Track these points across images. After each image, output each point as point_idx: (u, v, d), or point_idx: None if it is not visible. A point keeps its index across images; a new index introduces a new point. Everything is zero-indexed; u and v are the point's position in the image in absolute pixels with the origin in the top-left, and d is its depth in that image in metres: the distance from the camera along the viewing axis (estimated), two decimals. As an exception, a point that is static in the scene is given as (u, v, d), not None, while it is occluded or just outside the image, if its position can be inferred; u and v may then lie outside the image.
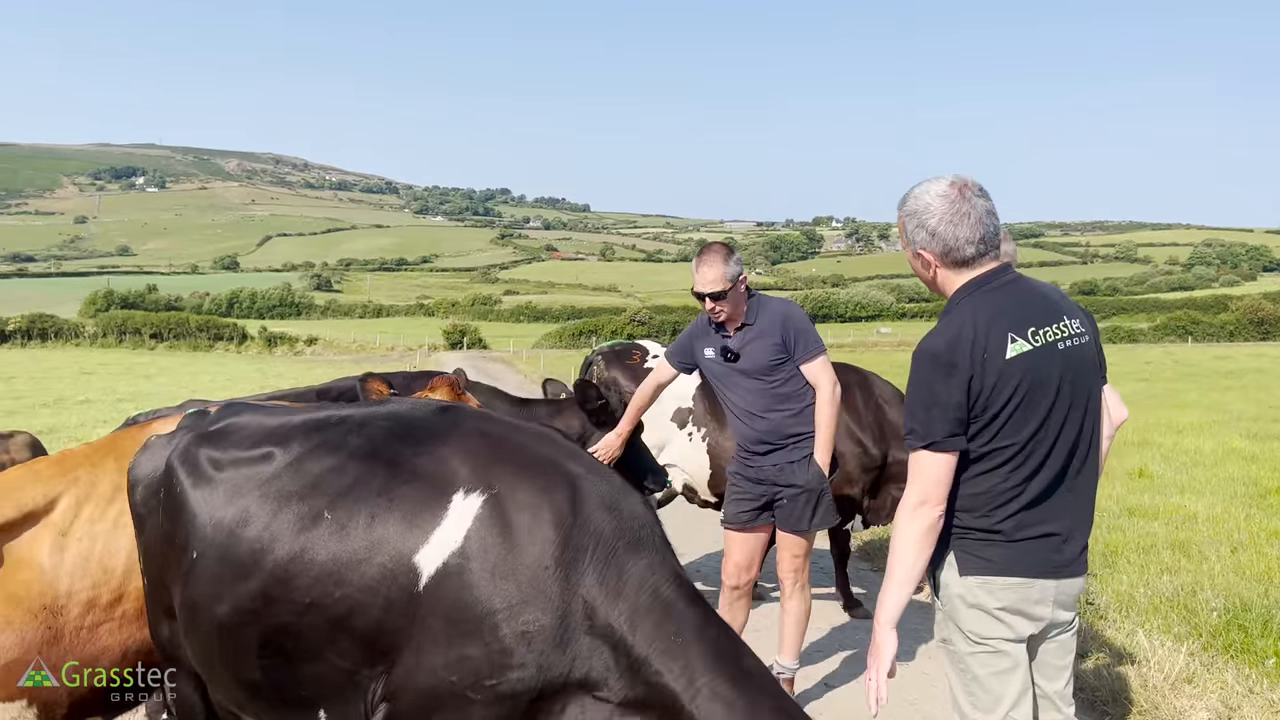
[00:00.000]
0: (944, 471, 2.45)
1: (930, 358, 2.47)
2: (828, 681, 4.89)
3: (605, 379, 5.74)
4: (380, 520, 2.49)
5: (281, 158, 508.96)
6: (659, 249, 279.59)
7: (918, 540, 2.46)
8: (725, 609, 4.45)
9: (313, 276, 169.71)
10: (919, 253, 2.59)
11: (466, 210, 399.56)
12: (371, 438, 2.69)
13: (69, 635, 2.97)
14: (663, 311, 78.39)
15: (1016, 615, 2.54)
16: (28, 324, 55.67)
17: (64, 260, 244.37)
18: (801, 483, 4.20)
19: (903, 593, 2.48)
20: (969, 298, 2.53)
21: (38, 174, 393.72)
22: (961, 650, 2.59)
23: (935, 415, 2.43)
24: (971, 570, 2.53)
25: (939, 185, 2.55)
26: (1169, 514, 8.61)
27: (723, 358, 4.25)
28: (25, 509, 3.07)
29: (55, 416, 18.29)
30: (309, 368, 39.44)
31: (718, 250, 4.19)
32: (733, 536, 4.40)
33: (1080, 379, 2.55)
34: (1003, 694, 2.56)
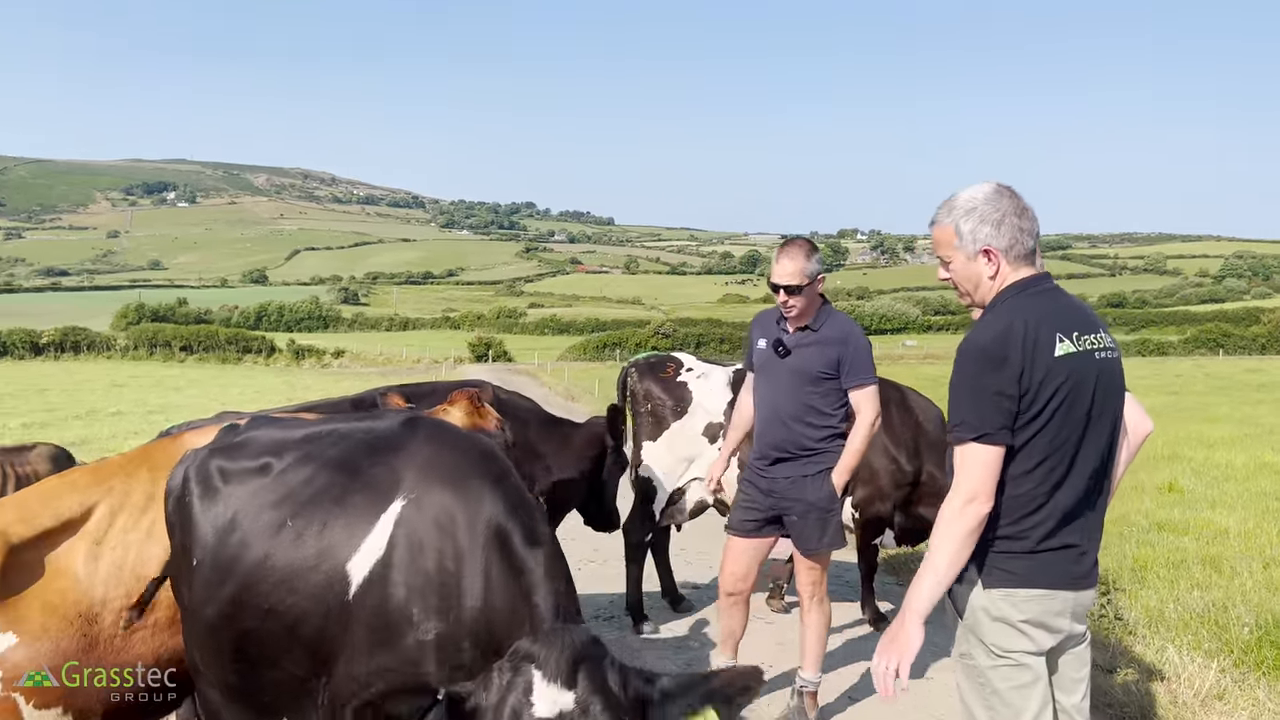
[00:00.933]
0: (993, 466, 2.45)
1: (981, 350, 2.48)
2: (851, 695, 4.87)
3: (639, 390, 5.77)
4: (329, 528, 2.56)
5: (310, 173, 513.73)
6: (683, 261, 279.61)
7: (963, 537, 2.45)
8: (724, 613, 4.47)
9: (340, 290, 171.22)
10: (985, 249, 2.60)
11: (492, 224, 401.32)
12: (344, 449, 2.77)
13: (103, 643, 3.03)
14: (687, 324, 78.21)
15: (1039, 628, 2.53)
16: (61, 337, 56.45)
17: (96, 274, 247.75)
18: (813, 499, 4.18)
19: (939, 588, 2.48)
20: (1014, 298, 2.56)
21: (72, 189, 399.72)
22: (982, 664, 2.57)
23: (986, 407, 2.43)
24: (995, 583, 2.53)
25: (986, 187, 2.60)
26: (1200, 529, 8.51)
27: (774, 349, 4.24)
28: (62, 518, 3.14)
29: (87, 428, 18.52)
30: (336, 380, 39.73)
31: (800, 245, 4.21)
32: (733, 544, 4.40)
33: (1111, 392, 2.57)
34: (1023, 708, 2.55)
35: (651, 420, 5.67)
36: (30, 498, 3.26)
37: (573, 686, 1.98)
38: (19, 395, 27.58)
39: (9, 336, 54.55)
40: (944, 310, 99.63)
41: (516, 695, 1.98)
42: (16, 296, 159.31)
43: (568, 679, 1.98)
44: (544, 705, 1.95)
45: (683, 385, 5.71)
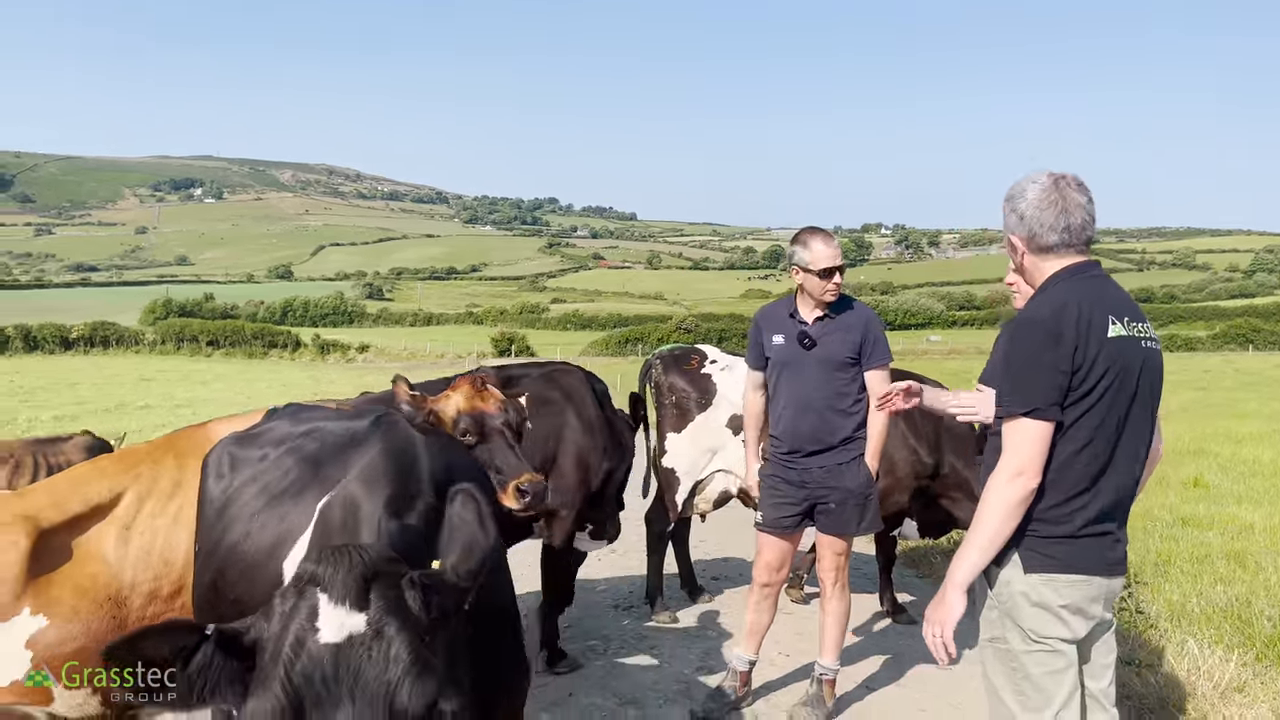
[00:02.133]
0: (1043, 441, 2.47)
1: (1036, 325, 2.50)
2: (869, 684, 4.88)
3: (663, 383, 5.80)
4: (284, 522, 2.52)
5: (334, 168, 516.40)
6: (705, 257, 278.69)
7: (1009, 509, 2.49)
8: (754, 607, 4.49)
9: (365, 285, 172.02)
10: (1009, 237, 2.69)
11: (515, 220, 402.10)
12: (321, 445, 2.73)
13: (133, 625, 3.09)
14: (709, 319, 78.03)
15: (1076, 614, 2.57)
16: (90, 331, 57.05)
17: (125, 270, 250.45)
18: (852, 485, 4.21)
19: (982, 559, 2.53)
20: (1066, 281, 2.59)
21: (100, 186, 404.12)
22: (1017, 649, 2.61)
23: (1039, 381, 2.46)
24: (1036, 567, 2.56)
25: (1038, 175, 2.64)
26: (1225, 524, 8.44)
27: (799, 342, 4.25)
28: (92, 504, 3.21)
29: (116, 421, 18.70)
30: (361, 374, 39.96)
31: (827, 232, 4.27)
32: (767, 538, 4.41)
33: (1154, 382, 2.60)
34: (1054, 694, 2.58)
35: (676, 412, 5.70)
36: (60, 484, 3.33)
37: (364, 608, 1.69)
38: (50, 389, 27.95)
39: (40, 331, 55.17)
40: (968, 305, 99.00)
41: (299, 621, 1.67)
42: (47, 292, 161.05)
43: (358, 599, 1.69)
44: (330, 629, 1.66)
45: (707, 377, 5.74)
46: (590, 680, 4.89)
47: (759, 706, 4.60)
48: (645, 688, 4.80)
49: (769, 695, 4.73)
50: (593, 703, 4.60)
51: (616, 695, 4.69)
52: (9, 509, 3.12)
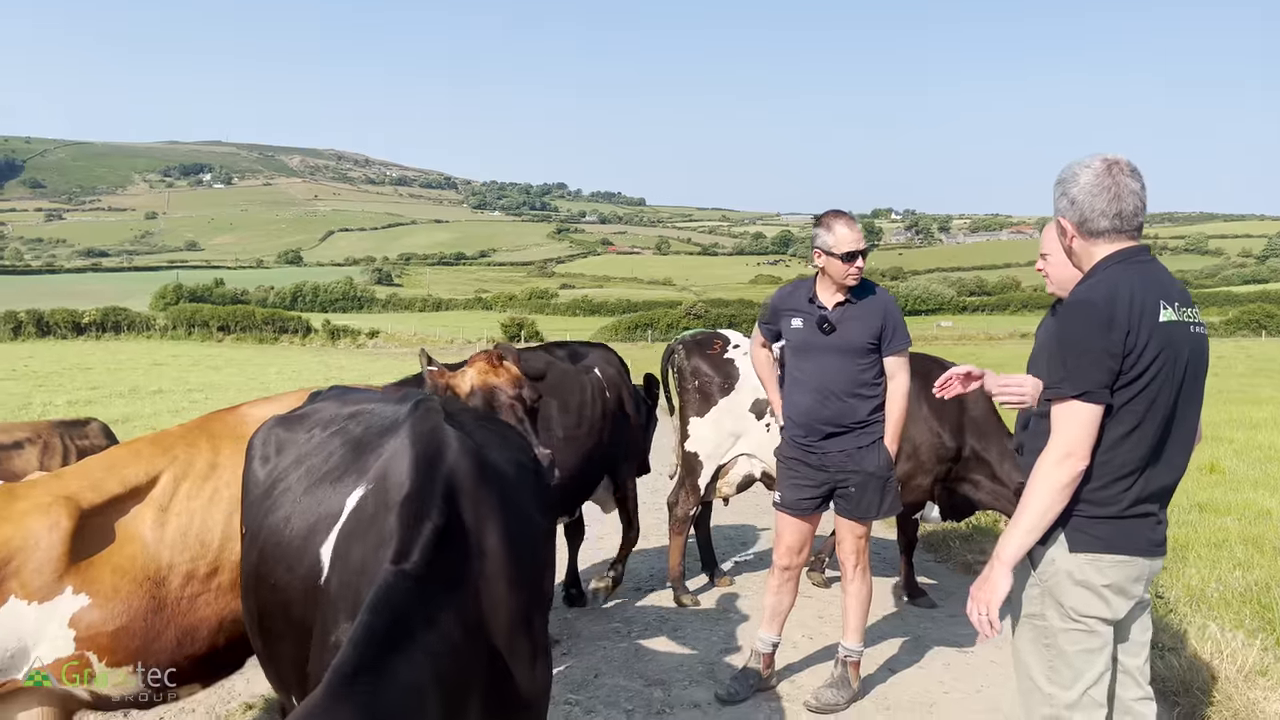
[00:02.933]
0: (1092, 424, 2.50)
1: (1089, 308, 2.52)
2: (891, 666, 4.92)
3: (686, 367, 5.82)
4: (322, 506, 2.49)
5: (343, 154, 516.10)
6: (715, 242, 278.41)
7: (1057, 490, 2.52)
8: (775, 590, 4.52)
9: (374, 270, 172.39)
10: (1058, 219, 2.70)
11: (523, 205, 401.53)
12: (365, 428, 2.73)
13: (170, 605, 3.13)
14: (719, 305, 77.98)
15: (1119, 594, 2.61)
16: (102, 316, 57.28)
17: (135, 255, 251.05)
18: (872, 469, 4.23)
19: (1030, 538, 2.56)
20: (1116, 266, 2.61)
21: (110, 171, 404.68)
22: (1055, 626, 2.65)
23: (1090, 364, 2.48)
24: (1082, 547, 2.59)
25: (1091, 160, 2.65)
26: (1241, 509, 8.44)
27: (818, 327, 4.26)
28: (129, 485, 3.24)
29: (130, 406, 18.80)
30: (372, 359, 40.09)
31: (845, 213, 4.29)
32: (787, 520, 4.45)
33: (1200, 367, 2.63)
34: (1084, 671, 2.64)
35: (699, 397, 5.72)
36: (96, 466, 3.36)
37: None
38: (64, 373, 28.06)
39: (52, 316, 55.43)
40: (979, 291, 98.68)
41: None
42: (58, 277, 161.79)
43: None
44: None
45: (730, 362, 5.75)
46: (615, 662, 4.94)
47: (784, 688, 4.64)
48: (670, 669, 4.85)
49: (793, 677, 4.77)
50: (618, 684, 4.65)
51: (642, 677, 4.74)
52: (49, 490, 3.15)
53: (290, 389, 4.56)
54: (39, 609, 2.95)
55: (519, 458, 2.73)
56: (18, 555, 2.93)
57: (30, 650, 2.96)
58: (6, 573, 2.91)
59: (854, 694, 4.44)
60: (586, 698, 4.50)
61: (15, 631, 2.91)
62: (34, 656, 2.96)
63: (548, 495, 2.99)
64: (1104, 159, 2.63)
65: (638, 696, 4.51)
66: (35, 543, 2.96)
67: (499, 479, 2.38)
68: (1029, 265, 72.52)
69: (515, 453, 2.74)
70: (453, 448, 2.31)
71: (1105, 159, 2.62)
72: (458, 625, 1.90)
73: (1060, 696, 2.68)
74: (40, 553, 2.96)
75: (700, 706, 4.40)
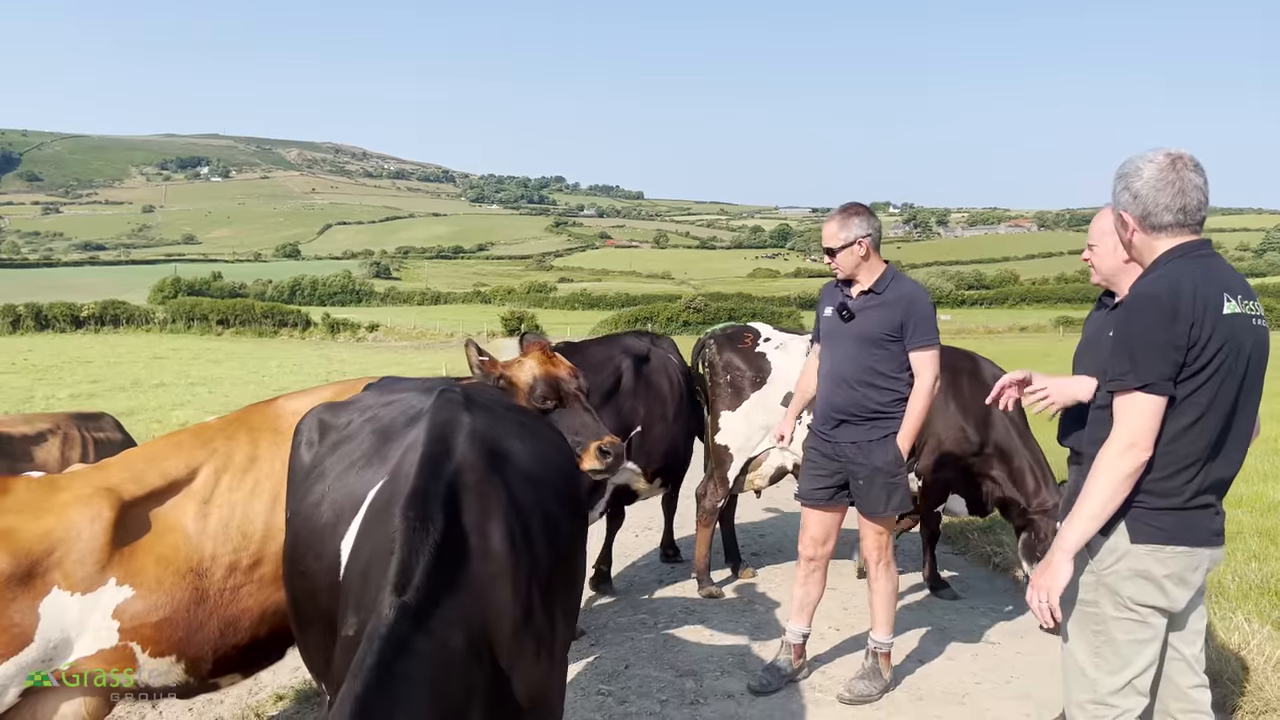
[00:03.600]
0: (1156, 416, 2.51)
1: (1153, 301, 2.53)
2: (920, 658, 4.94)
3: (717, 361, 5.82)
4: (348, 497, 2.48)
5: (341, 147, 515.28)
6: (713, 236, 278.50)
7: (1120, 481, 2.54)
8: (802, 580, 4.54)
9: (372, 264, 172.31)
10: (1120, 213, 2.70)
11: (522, 198, 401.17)
12: (395, 416, 2.73)
13: (213, 596, 3.13)
14: (717, 299, 77.92)
15: (1179, 585, 2.63)
16: (100, 310, 57.11)
17: (133, 248, 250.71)
18: (879, 463, 4.22)
19: (1091, 528, 2.58)
20: (1178, 260, 2.61)
21: (107, 164, 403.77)
22: (1108, 614, 2.67)
23: (1154, 357, 2.49)
24: (1143, 538, 2.61)
25: (1154, 154, 2.65)
26: (1253, 502, 8.50)
27: (838, 313, 4.30)
28: (170, 477, 3.24)
29: (132, 399, 18.79)
30: (372, 353, 40.07)
31: (844, 209, 4.31)
32: (809, 512, 4.48)
33: (1262, 359, 2.64)
34: (1132, 660, 2.66)
35: (731, 391, 5.72)
36: (137, 458, 3.36)
37: None
38: (64, 367, 28.03)
39: (50, 310, 55.28)
40: (978, 285, 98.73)
41: None
42: (56, 270, 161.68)
43: None
44: None
45: (761, 356, 5.75)
46: (644, 653, 4.96)
47: (815, 679, 4.66)
48: (700, 660, 4.86)
49: (823, 668, 4.79)
50: (649, 675, 4.67)
51: (673, 668, 4.75)
52: (90, 482, 3.15)
53: (292, 382, 4.53)
54: (82, 600, 2.95)
55: (545, 449, 2.70)
56: (60, 546, 2.94)
57: (74, 641, 2.96)
58: (49, 563, 2.92)
59: (886, 685, 4.46)
60: (619, 688, 4.51)
61: (59, 622, 2.91)
62: (77, 647, 2.96)
63: (579, 489, 2.94)
64: (1166, 153, 2.63)
65: (670, 687, 4.52)
66: (78, 534, 2.96)
67: (514, 472, 2.36)
68: (1027, 259, 72.81)
69: (542, 444, 2.72)
70: (462, 440, 2.30)
71: (1168, 153, 2.63)
72: (459, 635, 1.92)
73: (1104, 683, 2.71)
74: (83, 544, 2.96)
75: (734, 697, 4.42)
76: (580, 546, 2.81)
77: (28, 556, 2.86)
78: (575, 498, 2.82)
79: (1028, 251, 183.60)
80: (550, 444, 2.86)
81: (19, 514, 2.93)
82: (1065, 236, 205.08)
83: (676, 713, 4.26)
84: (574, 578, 2.69)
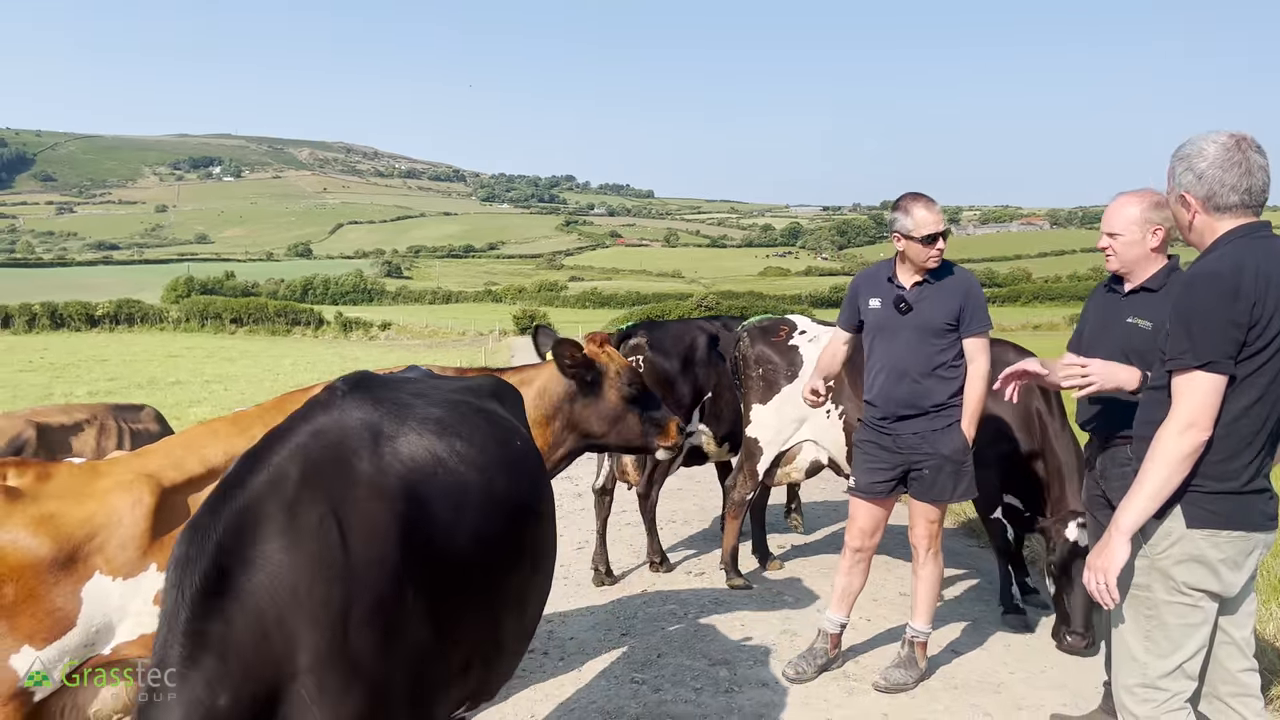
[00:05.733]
0: (1216, 395, 2.49)
1: (1214, 280, 2.51)
2: (954, 648, 4.92)
3: (750, 354, 5.78)
4: None
5: (352, 147, 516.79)
6: (723, 234, 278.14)
7: (1179, 460, 2.51)
8: (845, 571, 4.50)
9: (383, 263, 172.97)
10: (1183, 195, 2.67)
11: (532, 198, 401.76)
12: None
13: (253, 584, 3.13)
14: (728, 297, 77.85)
15: (1233, 569, 2.61)
16: (115, 309, 57.42)
17: (146, 248, 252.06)
18: (947, 452, 4.19)
19: (1149, 508, 2.56)
20: (1240, 240, 2.60)
21: (121, 164, 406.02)
22: (1160, 598, 2.66)
23: (1214, 335, 2.47)
24: (1199, 522, 2.59)
25: (1218, 135, 2.63)
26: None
27: (895, 307, 4.22)
28: (209, 465, 3.23)
29: (149, 397, 18.87)
30: (385, 352, 40.17)
31: (923, 195, 4.23)
32: (860, 503, 4.43)
33: None
34: (1183, 644, 2.65)
35: (763, 384, 5.67)
36: (176, 445, 3.36)
37: None
38: (81, 365, 28.20)
39: (66, 308, 55.61)
40: (990, 283, 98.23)
41: None
42: (70, 270, 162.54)
43: None
44: None
45: (794, 349, 5.69)
46: (675, 642, 4.94)
47: (849, 668, 4.64)
48: (732, 649, 4.85)
49: (857, 657, 4.77)
50: (682, 663, 4.65)
51: (706, 656, 4.74)
52: (131, 468, 3.15)
53: (306, 380, 4.53)
54: (124, 585, 2.95)
55: (460, 446, 2.38)
56: (101, 531, 2.93)
57: (115, 626, 2.96)
58: (91, 548, 2.91)
59: (921, 674, 4.44)
60: (652, 676, 4.50)
61: (101, 607, 2.91)
62: (119, 632, 2.96)
63: (520, 486, 2.61)
64: (1230, 134, 2.62)
65: (704, 675, 4.51)
66: (119, 519, 2.95)
67: (383, 477, 2.11)
68: (1039, 257, 72.62)
69: (458, 442, 2.40)
70: (296, 444, 2.08)
71: (1231, 134, 2.61)
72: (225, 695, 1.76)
73: (1155, 666, 2.70)
74: (124, 529, 2.95)
75: (768, 685, 4.41)
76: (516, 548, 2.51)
77: (69, 541, 2.85)
78: (514, 497, 2.53)
79: (1040, 249, 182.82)
80: (491, 439, 2.58)
81: (61, 499, 2.92)
82: (1078, 234, 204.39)
83: (712, 700, 4.24)
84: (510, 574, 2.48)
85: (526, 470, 2.72)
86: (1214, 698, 2.83)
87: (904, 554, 5.62)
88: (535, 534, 2.66)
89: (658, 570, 6.24)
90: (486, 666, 2.47)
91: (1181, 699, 2.71)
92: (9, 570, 2.68)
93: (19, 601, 2.70)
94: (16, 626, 2.72)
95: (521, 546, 2.55)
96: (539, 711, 4.15)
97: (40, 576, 2.72)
